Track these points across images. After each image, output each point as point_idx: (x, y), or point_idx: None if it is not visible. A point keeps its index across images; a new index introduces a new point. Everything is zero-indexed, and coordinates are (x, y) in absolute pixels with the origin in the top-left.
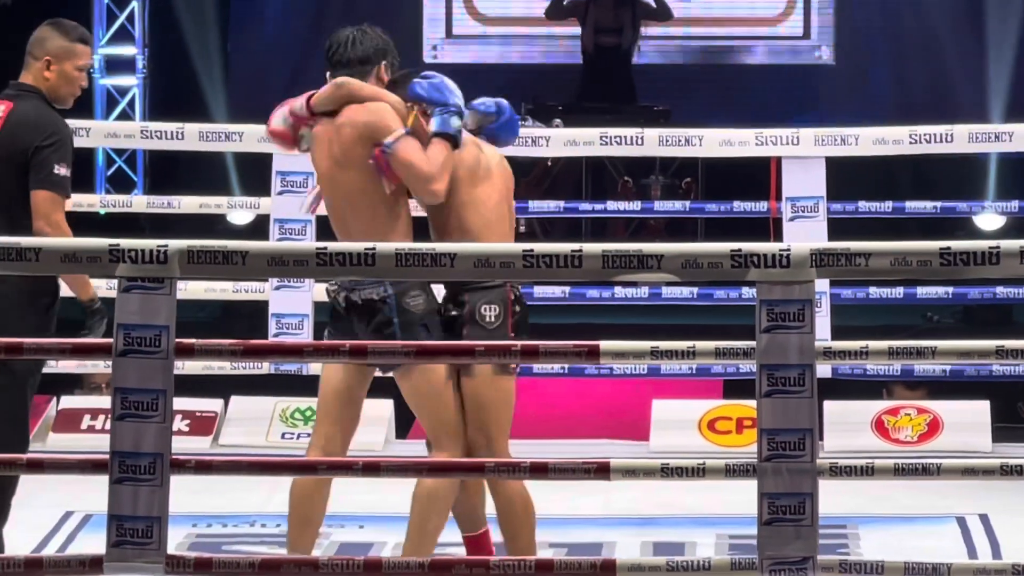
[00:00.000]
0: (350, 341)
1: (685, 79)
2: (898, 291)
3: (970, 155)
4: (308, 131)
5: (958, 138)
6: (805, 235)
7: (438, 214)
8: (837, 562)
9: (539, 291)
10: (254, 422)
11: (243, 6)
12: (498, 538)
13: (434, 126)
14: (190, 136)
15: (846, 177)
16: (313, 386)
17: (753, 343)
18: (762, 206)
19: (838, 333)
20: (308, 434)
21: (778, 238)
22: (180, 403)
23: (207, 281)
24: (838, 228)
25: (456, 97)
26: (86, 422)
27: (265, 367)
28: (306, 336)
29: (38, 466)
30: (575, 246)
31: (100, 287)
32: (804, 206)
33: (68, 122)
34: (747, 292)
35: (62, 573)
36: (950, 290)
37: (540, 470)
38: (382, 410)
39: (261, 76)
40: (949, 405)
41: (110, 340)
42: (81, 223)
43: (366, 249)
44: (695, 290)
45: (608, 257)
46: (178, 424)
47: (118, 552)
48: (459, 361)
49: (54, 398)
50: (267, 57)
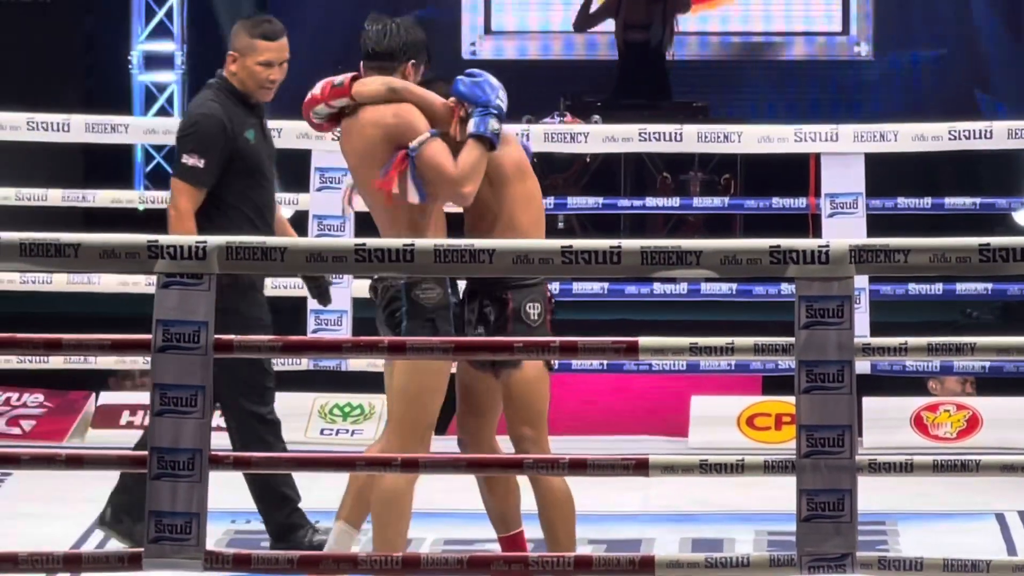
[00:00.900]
0: (389, 337)
1: (724, 75)
2: (937, 287)
3: (1010, 151)
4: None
5: (997, 134)
6: (844, 231)
7: (484, 212)
8: (876, 558)
9: (578, 287)
10: (293, 418)
11: (281, 1)
12: (539, 533)
13: (471, 127)
14: None
15: (885, 173)
16: (351, 382)
17: (792, 339)
18: (801, 202)
19: (877, 329)
20: (347, 430)
21: (817, 234)
22: None
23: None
24: (877, 224)
25: (498, 98)
26: (125, 418)
27: (304, 363)
28: (345, 332)
29: (77, 462)
30: (614, 242)
31: (139, 283)
32: (843, 202)
33: (107, 118)
34: (786, 288)
35: (101, 569)
36: (989, 286)
37: (579, 466)
38: None
39: (300, 72)
40: (988, 401)
41: (149, 336)
42: (120, 219)
43: (405, 245)
44: (734, 286)
45: (647, 253)
46: (217, 420)
47: (157, 548)
48: (501, 357)
49: (93, 394)
50: (306, 53)
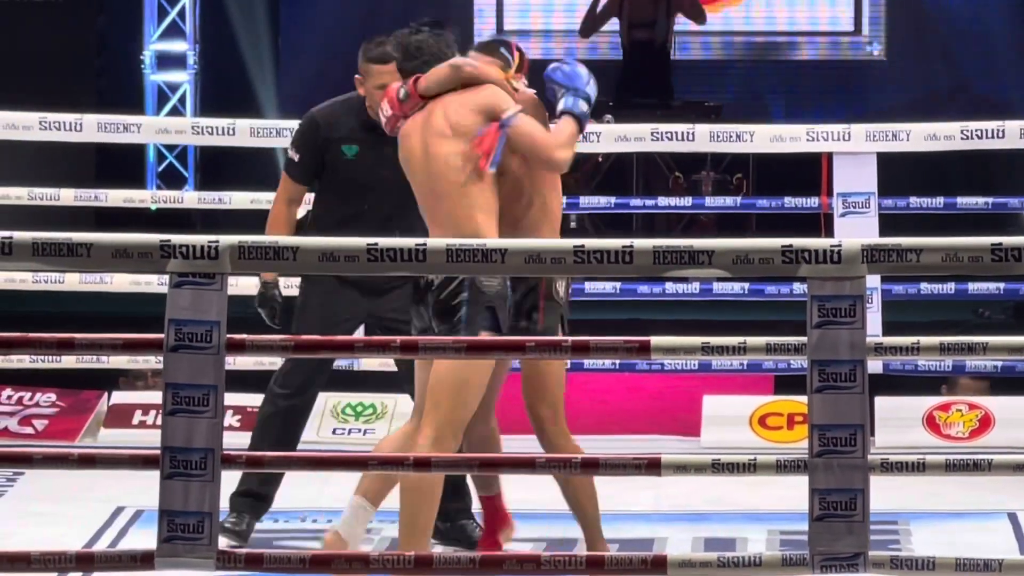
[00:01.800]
0: (401, 337)
1: (735, 75)
2: (949, 287)
3: (1022, 150)
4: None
5: (1010, 134)
6: (856, 231)
7: (519, 194)
8: (888, 558)
9: (590, 287)
10: None
11: (294, 3)
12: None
13: (562, 104)
14: (241, 132)
15: (897, 173)
16: (363, 382)
17: (804, 339)
18: (813, 202)
19: (889, 329)
20: (359, 429)
21: (829, 234)
22: (231, 399)
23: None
24: (889, 224)
25: (590, 87)
26: (137, 417)
27: None
28: (357, 331)
29: (89, 461)
30: (626, 242)
31: (152, 283)
32: (855, 202)
33: (120, 118)
34: (798, 288)
35: (113, 568)
36: (1001, 286)
37: (591, 465)
38: None
39: (312, 72)
40: (1001, 401)
41: (161, 336)
42: (132, 219)
43: (417, 245)
44: (746, 286)
45: (659, 253)
46: (229, 420)
47: (169, 547)
48: (509, 356)
49: (105, 394)
50: (319, 53)
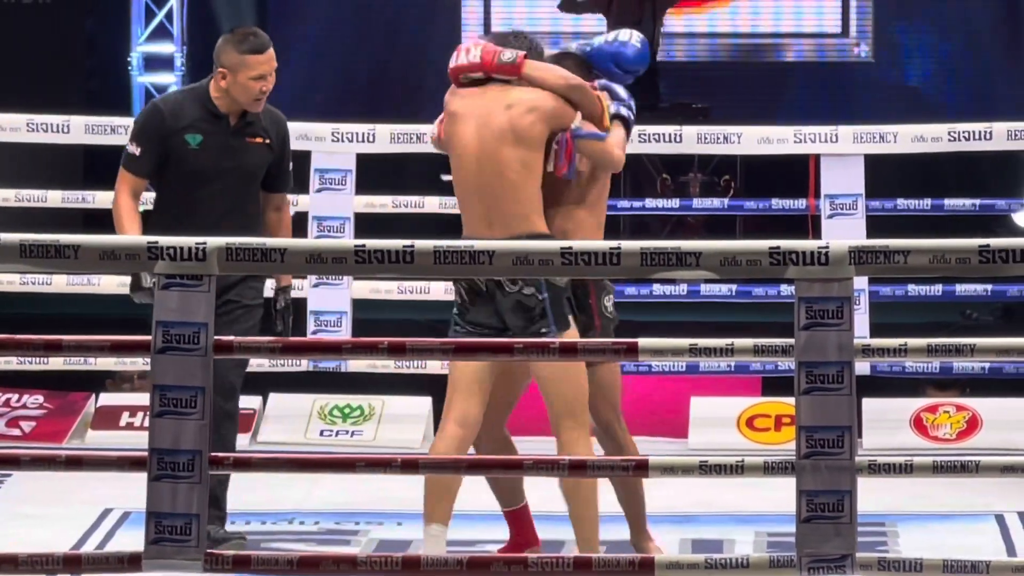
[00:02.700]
0: (388, 339)
1: (723, 76)
2: (937, 288)
3: (1009, 152)
4: None
5: (997, 135)
6: (844, 232)
7: (582, 198)
8: (876, 559)
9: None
10: (293, 419)
11: (282, 2)
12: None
13: (612, 109)
14: None
15: (885, 174)
16: (351, 383)
17: (792, 340)
18: (801, 203)
19: (877, 330)
20: (346, 431)
21: (816, 236)
22: None
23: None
24: (877, 226)
25: (631, 98)
26: (125, 419)
27: (304, 364)
28: (344, 333)
29: (77, 463)
30: (613, 244)
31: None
32: (843, 203)
33: (107, 119)
34: (786, 289)
35: (101, 570)
36: (989, 287)
37: (579, 467)
38: (420, 408)
39: (301, 74)
40: (988, 403)
41: (148, 337)
42: None
43: (405, 247)
44: (734, 287)
45: (647, 254)
46: None
47: (156, 549)
48: (497, 358)
49: (93, 395)
50: (307, 54)
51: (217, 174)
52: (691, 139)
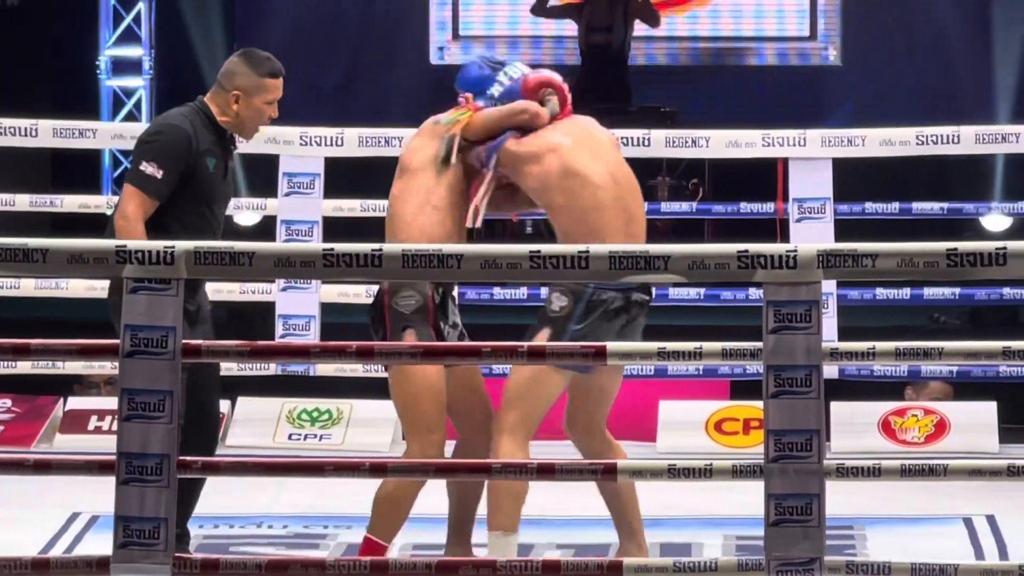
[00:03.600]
0: (357, 343)
1: (691, 80)
2: (905, 292)
3: (977, 156)
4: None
5: (965, 139)
6: (812, 236)
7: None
8: (844, 563)
9: (546, 292)
10: (261, 423)
11: (250, 6)
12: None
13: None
14: None
15: (853, 178)
16: (320, 387)
17: (760, 344)
18: (769, 207)
19: (845, 334)
20: (315, 435)
21: (785, 239)
22: None
23: (213, 282)
24: (845, 229)
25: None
26: (93, 423)
27: (272, 368)
28: (313, 337)
29: (45, 467)
30: (582, 247)
31: (107, 288)
32: (811, 207)
33: (75, 123)
34: (754, 293)
35: (69, 574)
36: (957, 291)
37: (547, 471)
38: (389, 411)
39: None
40: (956, 406)
41: (117, 341)
42: (88, 224)
43: (373, 251)
44: (702, 291)
45: (615, 258)
46: None
47: (125, 553)
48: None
49: (61, 399)
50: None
51: (222, 196)
52: (659, 143)
